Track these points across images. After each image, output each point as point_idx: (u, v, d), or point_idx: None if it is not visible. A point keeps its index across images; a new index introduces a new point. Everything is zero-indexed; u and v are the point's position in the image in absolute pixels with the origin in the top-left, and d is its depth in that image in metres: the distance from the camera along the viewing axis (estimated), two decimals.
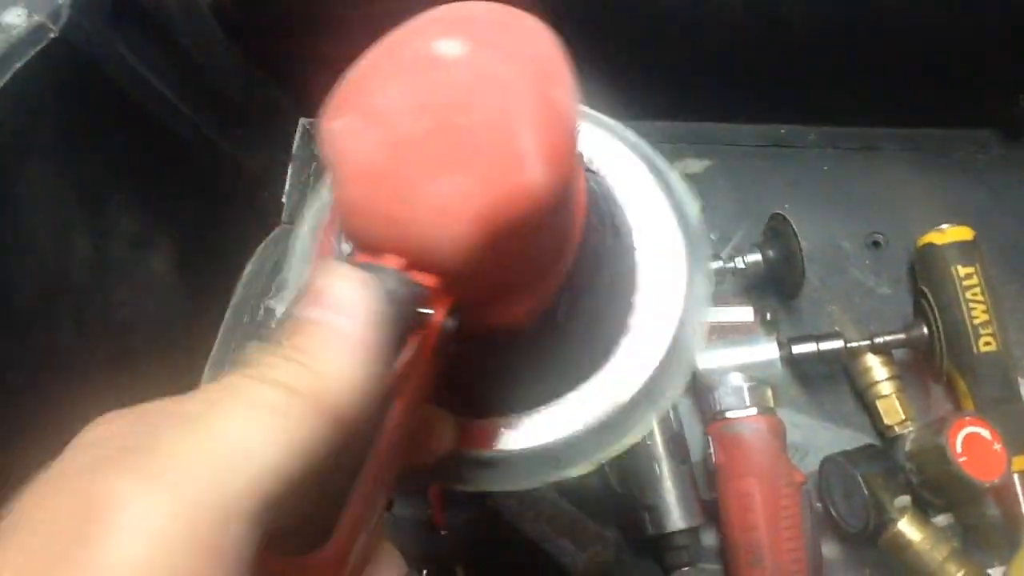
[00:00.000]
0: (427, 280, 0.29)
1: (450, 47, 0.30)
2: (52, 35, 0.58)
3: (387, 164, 0.29)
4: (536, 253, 0.33)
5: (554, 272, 0.35)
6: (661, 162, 0.44)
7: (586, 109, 0.44)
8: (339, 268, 0.27)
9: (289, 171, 0.87)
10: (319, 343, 0.26)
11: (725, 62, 0.81)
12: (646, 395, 0.39)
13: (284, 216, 0.84)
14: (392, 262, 0.29)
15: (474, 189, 0.28)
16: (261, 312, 0.77)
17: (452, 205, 0.28)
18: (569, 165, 0.30)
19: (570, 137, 0.30)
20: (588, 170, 0.42)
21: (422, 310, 0.29)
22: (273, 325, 0.28)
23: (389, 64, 0.31)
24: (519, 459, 0.39)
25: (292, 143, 0.89)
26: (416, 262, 0.29)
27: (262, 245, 0.83)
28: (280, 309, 0.78)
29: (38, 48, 0.57)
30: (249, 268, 0.81)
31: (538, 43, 0.31)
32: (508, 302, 0.34)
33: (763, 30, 0.80)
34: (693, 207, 0.43)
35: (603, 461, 0.40)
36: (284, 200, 0.86)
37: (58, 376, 0.61)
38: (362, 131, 0.30)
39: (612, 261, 0.39)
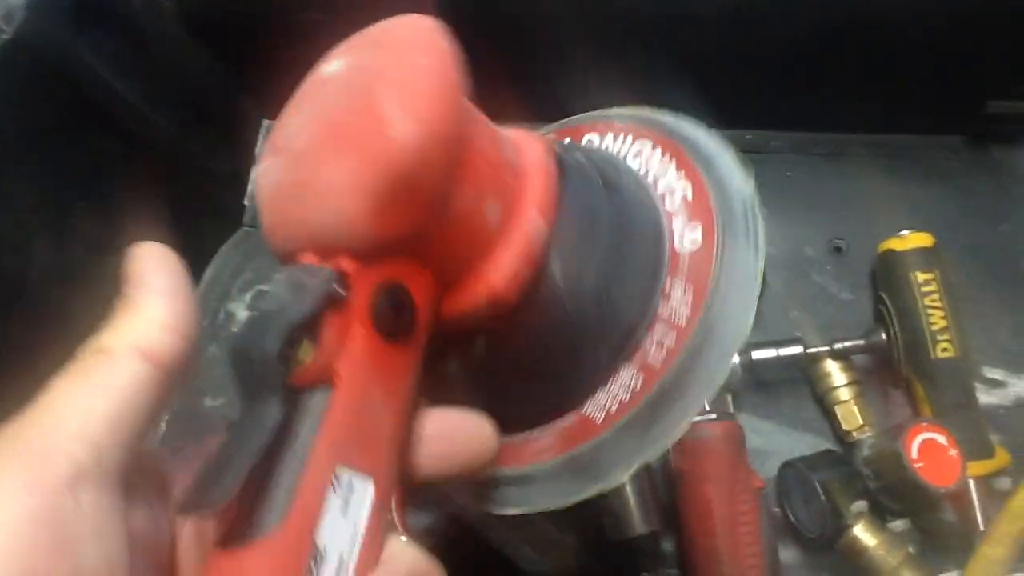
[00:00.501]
0: (339, 263, 0.31)
1: (331, 66, 0.34)
2: (4, 37, 0.58)
3: (287, 180, 0.32)
4: (457, 214, 0.33)
5: (507, 234, 0.34)
6: (706, 139, 0.43)
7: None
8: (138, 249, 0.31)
9: (252, 174, 0.87)
10: (118, 311, 0.29)
11: (689, 67, 0.81)
12: (680, 387, 0.36)
13: (245, 219, 0.84)
14: (305, 258, 0.31)
15: (354, 165, 0.30)
16: (221, 316, 0.77)
17: (334, 184, 0.30)
18: (443, 121, 0.31)
19: (438, 95, 0.31)
20: (577, 148, 0.43)
21: (337, 289, 0.30)
22: (233, 329, 0.30)
23: (292, 102, 0.34)
24: (553, 473, 0.38)
25: (253, 146, 0.88)
26: (325, 250, 0.31)
27: (222, 248, 0.82)
28: (241, 312, 0.79)
29: None
30: (209, 272, 0.81)
31: (416, 31, 0.33)
32: (474, 274, 0.34)
33: (728, 36, 0.80)
34: (741, 181, 0.41)
35: (644, 463, 0.36)
36: (246, 203, 0.85)
37: (15, 381, 0.61)
38: (272, 166, 0.33)
39: (619, 228, 0.38)
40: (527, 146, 0.37)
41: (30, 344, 0.63)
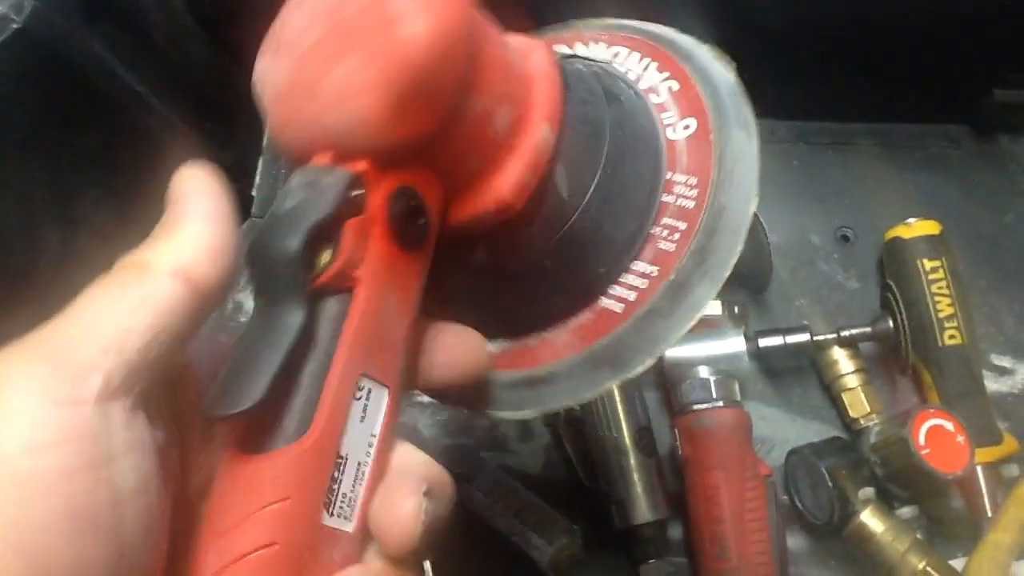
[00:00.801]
0: (356, 166, 0.30)
1: None
2: (15, 26, 0.58)
3: (295, 78, 0.31)
4: (470, 119, 0.33)
5: (515, 143, 0.34)
6: (680, 36, 0.43)
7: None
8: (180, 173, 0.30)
9: (259, 164, 0.87)
10: (159, 229, 0.29)
11: None
12: (698, 266, 0.36)
13: (254, 210, 0.84)
14: (320, 160, 0.30)
15: (366, 63, 0.29)
16: (230, 306, 0.77)
17: (352, 84, 0.29)
18: (459, 19, 0.31)
19: None
20: (576, 57, 0.43)
21: (354, 192, 0.30)
22: (242, 319, 0.29)
23: (292, 2, 0.33)
24: (573, 369, 0.37)
25: (260, 136, 0.88)
26: (342, 153, 0.30)
27: None
28: (249, 303, 0.79)
29: (3, 43, 0.57)
30: None
31: None
32: (482, 182, 0.34)
33: (732, 24, 0.80)
34: (722, 70, 0.41)
35: (664, 351, 0.36)
36: (254, 194, 0.85)
37: None
38: (274, 62, 0.32)
39: (620, 136, 0.38)
40: (533, 54, 0.37)
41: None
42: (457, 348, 0.36)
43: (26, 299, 0.62)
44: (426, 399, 0.56)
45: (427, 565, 0.35)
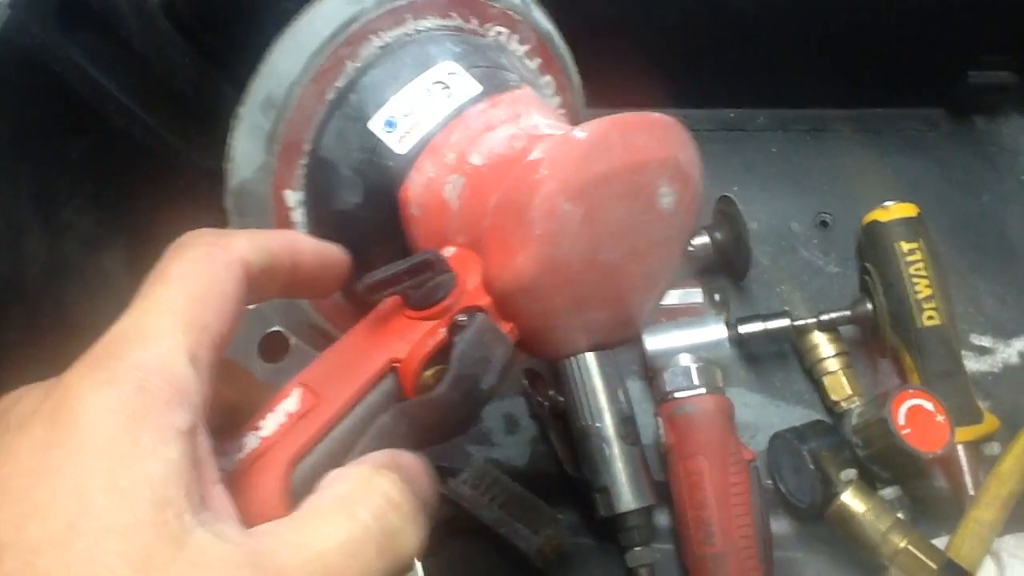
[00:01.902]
0: (476, 299, 0.37)
1: (665, 198, 0.38)
2: None
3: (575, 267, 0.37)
4: None
5: None
6: None
7: None
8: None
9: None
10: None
11: (672, 47, 0.81)
12: None
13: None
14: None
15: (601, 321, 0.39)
16: None
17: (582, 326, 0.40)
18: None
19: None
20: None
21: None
22: None
23: (621, 181, 0.37)
24: None
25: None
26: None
27: None
28: None
29: None
30: None
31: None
32: None
33: (709, 13, 0.80)
34: None
35: None
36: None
37: (9, 375, 0.61)
38: (575, 228, 0.36)
39: None
40: None
41: (30, 341, 0.63)
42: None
43: (15, 306, 0.63)
44: None
45: (417, 563, 0.35)
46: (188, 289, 0.28)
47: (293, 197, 0.48)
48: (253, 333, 0.48)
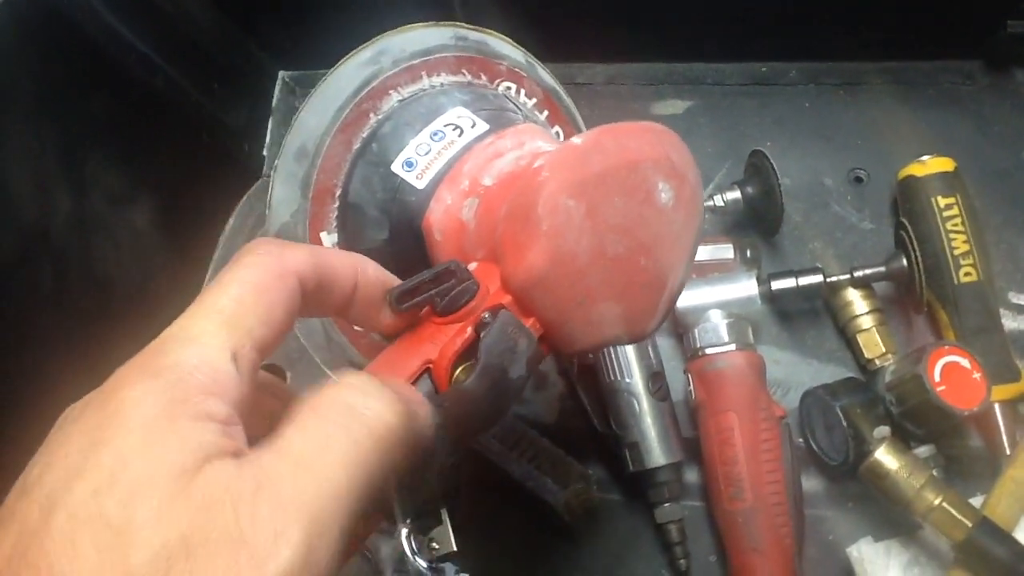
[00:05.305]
0: (497, 298, 0.40)
1: (663, 194, 0.40)
2: None
3: (575, 263, 0.39)
4: None
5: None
6: None
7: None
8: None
9: (270, 125, 0.87)
10: None
11: (704, 0, 0.80)
12: None
13: (265, 170, 0.84)
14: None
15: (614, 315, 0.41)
16: None
17: (597, 319, 0.41)
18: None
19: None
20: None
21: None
22: None
23: (617, 178, 0.39)
24: None
25: (270, 97, 0.88)
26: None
27: (243, 200, 0.82)
28: None
29: (5, 3, 0.57)
30: (231, 223, 0.81)
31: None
32: None
33: None
34: None
35: None
36: (265, 154, 0.85)
37: (37, 329, 0.62)
38: (578, 222, 0.39)
39: None
40: None
41: (57, 293, 0.64)
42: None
43: (44, 258, 0.63)
44: None
45: (443, 512, 0.35)
46: (237, 294, 0.30)
47: (328, 239, 0.54)
48: None
